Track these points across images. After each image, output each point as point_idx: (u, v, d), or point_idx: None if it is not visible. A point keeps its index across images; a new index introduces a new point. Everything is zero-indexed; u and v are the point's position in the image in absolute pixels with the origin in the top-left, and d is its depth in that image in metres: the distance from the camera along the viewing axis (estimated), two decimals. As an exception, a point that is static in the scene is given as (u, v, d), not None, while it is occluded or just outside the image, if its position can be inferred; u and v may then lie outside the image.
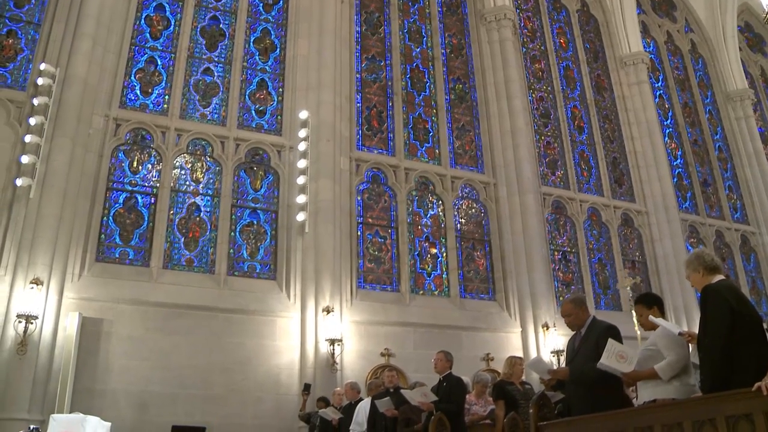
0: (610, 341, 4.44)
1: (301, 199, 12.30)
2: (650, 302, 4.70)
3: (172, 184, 11.93)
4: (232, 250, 11.90)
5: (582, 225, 15.59)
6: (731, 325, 3.74)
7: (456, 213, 14.17)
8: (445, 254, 13.63)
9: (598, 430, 4.35)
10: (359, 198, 13.31)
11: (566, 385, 5.12)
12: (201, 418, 10.09)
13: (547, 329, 13.14)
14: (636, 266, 15.97)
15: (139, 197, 11.69)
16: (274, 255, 12.12)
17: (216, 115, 12.88)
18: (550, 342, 13.03)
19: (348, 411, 8.74)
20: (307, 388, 10.20)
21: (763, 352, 3.82)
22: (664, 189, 16.73)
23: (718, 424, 3.46)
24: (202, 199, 12.08)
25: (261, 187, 12.58)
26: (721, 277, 4.06)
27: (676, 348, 4.31)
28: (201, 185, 12.20)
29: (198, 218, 11.91)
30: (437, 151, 14.61)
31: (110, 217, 11.35)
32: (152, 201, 11.71)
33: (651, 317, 4.52)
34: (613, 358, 4.38)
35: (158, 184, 11.84)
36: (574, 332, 5.17)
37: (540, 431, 5.01)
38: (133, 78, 12.42)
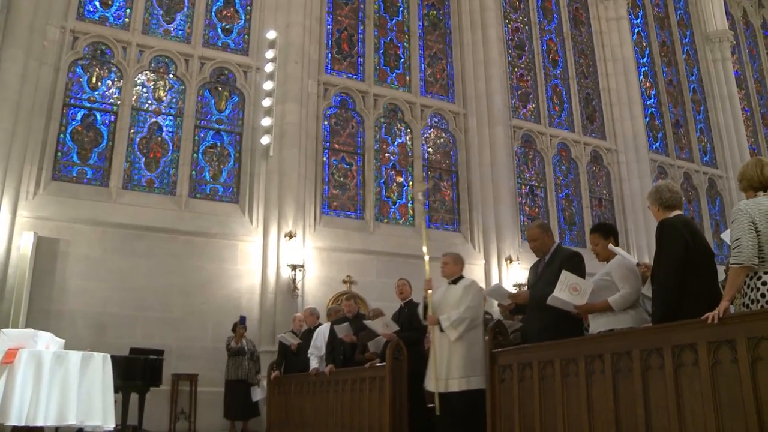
0: (564, 273, 4.45)
1: (266, 121, 12.06)
2: (607, 232, 4.70)
3: (133, 102, 11.51)
4: (194, 172, 11.68)
5: (551, 160, 15.58)
6: (685, 259, 3.76)
7: (424, 142, 14.05)
8: (411, 183, 13.59)
9: (550, 357, 4.44)
10: (326, 123, 13.08)
11: (526, 312, 5.17)
12: (160, 340, 10.09)
13: (511, 262, 13.30)
14: (603, 204, 16.12)
15: (98, 114, 11.26)
16: (237, 178, 11.96)
17: (180, 32, 12.36)
18: (512, 275, 13.21)
19: (307, 336, 8.78)
20: (242, 321, 10.07)
21: (714, 286, 3.88)
22: (636, 128, 16.69)
23: (665, 353, 3.54)
24: (164, 119, 11.72)
25: (225, 108, 12.27)
26: (678, 212, 4.05)
27: (632, 280, 4.35)
28: (163, 104, 11.80)
29: (160, 138, 11.60)
30: (408, 78, 14.32)
31: (67, 135, 10.95)
32: (112, 119, 11.31)
33: (610, 246, 4.52)
34: (566, 291, 4.40)
35: (118, 102, 11.40)
36: (538, 258, 5.20)
37: (494, 358, 5.10)
38: (91, -12, 11.80)
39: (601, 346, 4.02)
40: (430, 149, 14.12)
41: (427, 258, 6.23)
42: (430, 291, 5.89)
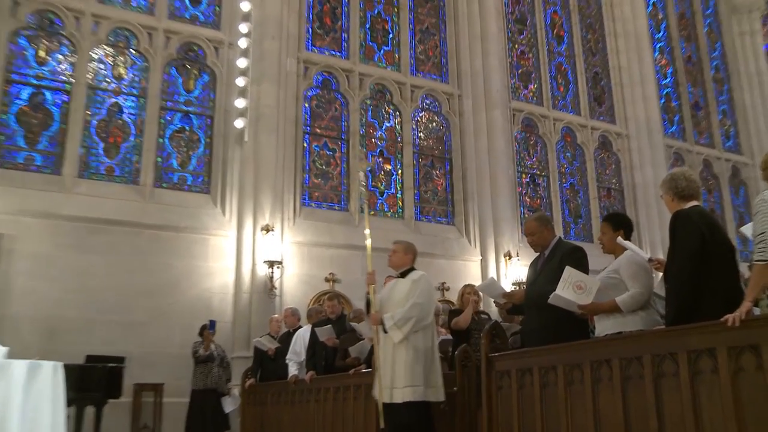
0: (568, 269, 4.41)
1: (240, 103, 11.98)
2: (618, 223, 4.65)
3: (89, 80, 11.35)
4: (160, 159, 11.57)
5: (554, 146, 15.59)
6: (701, 254, 3.73)
7: (415, 126, 14.01)
8: (400, 172, 13.56)
9: (552, 363, 4.42)
10: (307, 105, 13.01)
11: (525, 312, 5.14)
12: (121, 347, 9.95)
13: (510, 259, 13.30)
14: (612, 194, 16.15)
15: (47, 93, 11.07)
16: (208, 166, 11.89)
17: (143, 2, 12.20)
18: (512, 273, 13.21)
19: (286, 340, 8.71)
20: (212, 326, 9.93)
21: (734, 285, 3.84)
22: (649, 110, 16.70)
23: (680, 359, 3.50)
24: (125, 99, 11.58)
25: (195, 89, 12.17)
26: (695, 203, 4.02)
27: (642, 278, 4.31)
28: (124, 83, 11.65)
29: (120, 121, 11.46)
30: (397, 55, 14.26)
31: (11, 116, 10.75)
32: (65, 99, 11.13)
33: (619, 239, 4.48)
34: (569, 289, 4.37)
35: (72, 80, 11.22)
36: (537, 254, 5.19)
37: (491, 363, 5.09)
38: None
39: (608, 351, 4.00)
40: (421, 134, 14.09)
41: (369, 242, 6.13)
42: (373, 285, 5.71)
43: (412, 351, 5.28)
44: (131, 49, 11.85)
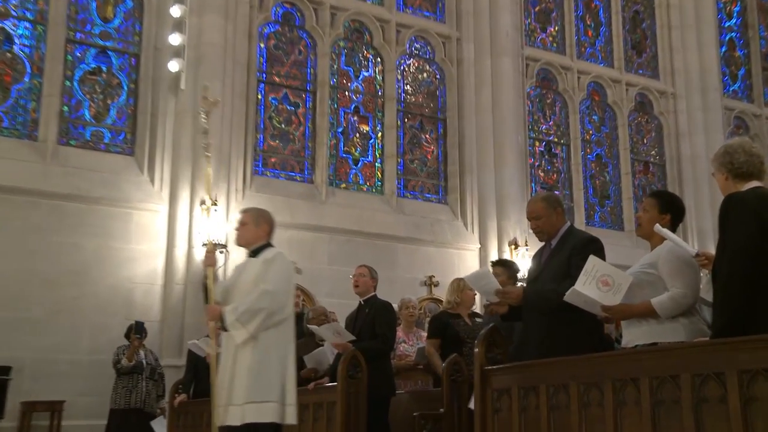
0: (592, 259, 4.38)
1: (175, 39, 11.83)
2: (669, 205, 4.60)
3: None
4: (66, 108, 11.45)
5: (578, 107, 15.66)
6: (758, 249, 3.68)
7: (400, 77, 14.01)
8: (380, 134, 13.57)
9: (564, 380, 4.38)
10: (262, 45, 12.97)
11: (522, 316, 5.11)
12: (6, 353, 9.85)
13: (516, 248, 13.36)
14: (650, 169, 16.24)
15: None
16: (132, 119, 11.82)
17: None
18: (519, 265, 13.18)
19: (229, 344, 8.66)
20: (139, 329, 9.69)
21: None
22: (705, 62, 16.73)
23: (728, 381, 3.44)
24: (16, 26, 11.40)
25: (114, 17, 12.05)
26: (757, 184, 3.99)
27: (687, 275, 4.28)
28: (12, 2, 11.45)
29: (9, 54, 11.31)
30: (380, -16, 14.25)
31: None
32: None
33: (658, 227, 4.43)
34: (592, 285, 4.33)
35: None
36: (543, 243, 5.19)
37: (486, 378, 5.05)
38: None
39: (636, 367, 3.95)
40: (408, 87, 14.13)
41: (210, 206, 6.08)
42: (212, 268, 5.48)
43: (260, 355, 5.08)
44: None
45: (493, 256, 13.21)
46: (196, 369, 9.13)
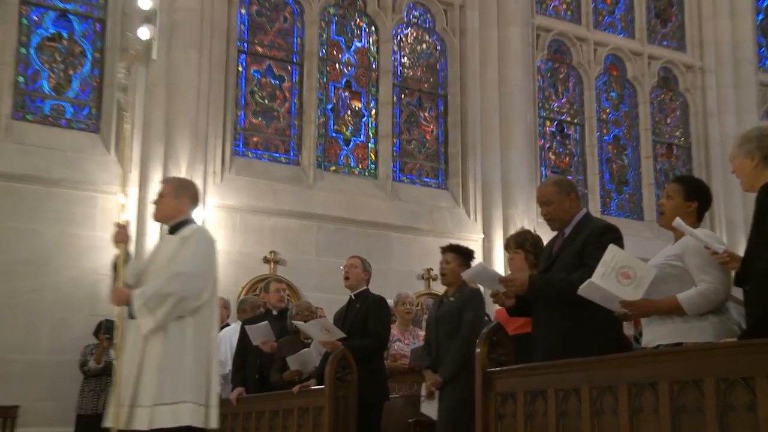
0: (612, 248, 4.38)
1: (145, 3, 11.67)
2: (695, 191, 4.61)
3: None
4: (22, 78, 11.44)
5: (594, 82, 15.64)
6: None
7: (397, 48, 14.04)
8: (374, 112, 13.59)
9: (575, 383, 4.39)
10: (244, 11, 12.99)
11: (533, 310, 5.15)
12: (-48, 352, 10.00)
13: (524, 238, 13.30)
14: (674, 153, 16.25)
15: None
16: (97, 93, 11.82)
17: None
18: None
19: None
20: (109, 329, 9.46)
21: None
22: (738, 33, 16.64)
23: (757, 387, 3.43)
24: (-42, -15, 11.47)
25: (76, -24, 12.05)
26: (791, 173, 4.03)
27: (717, 269, 4.27)
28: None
29: (-47, 17, 11.35)
30: (374, -55, 14.22)
31: None
32: None
33: (678, 220, 4.43)
34: (611, 277, 4.33)
35: None
36: (556, 233, 5.21)
37: (489, 381, 5.06)
38: None
39: (655, 370, 3.94)
40: (405, 60, 14.16)
41: (122, 197, 6.27)
42: (123, 245, 5.27)
43: (173, 348, 4.91)
44: None
45: (499, 247, 13.24)
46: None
